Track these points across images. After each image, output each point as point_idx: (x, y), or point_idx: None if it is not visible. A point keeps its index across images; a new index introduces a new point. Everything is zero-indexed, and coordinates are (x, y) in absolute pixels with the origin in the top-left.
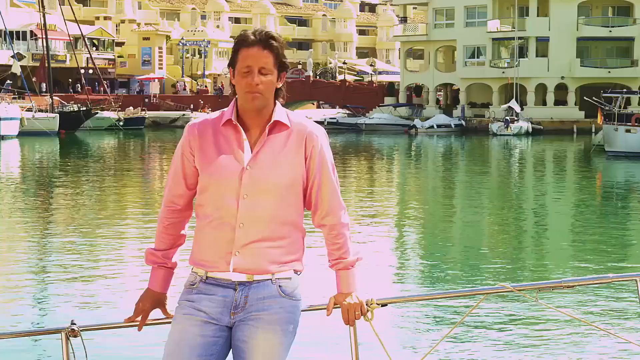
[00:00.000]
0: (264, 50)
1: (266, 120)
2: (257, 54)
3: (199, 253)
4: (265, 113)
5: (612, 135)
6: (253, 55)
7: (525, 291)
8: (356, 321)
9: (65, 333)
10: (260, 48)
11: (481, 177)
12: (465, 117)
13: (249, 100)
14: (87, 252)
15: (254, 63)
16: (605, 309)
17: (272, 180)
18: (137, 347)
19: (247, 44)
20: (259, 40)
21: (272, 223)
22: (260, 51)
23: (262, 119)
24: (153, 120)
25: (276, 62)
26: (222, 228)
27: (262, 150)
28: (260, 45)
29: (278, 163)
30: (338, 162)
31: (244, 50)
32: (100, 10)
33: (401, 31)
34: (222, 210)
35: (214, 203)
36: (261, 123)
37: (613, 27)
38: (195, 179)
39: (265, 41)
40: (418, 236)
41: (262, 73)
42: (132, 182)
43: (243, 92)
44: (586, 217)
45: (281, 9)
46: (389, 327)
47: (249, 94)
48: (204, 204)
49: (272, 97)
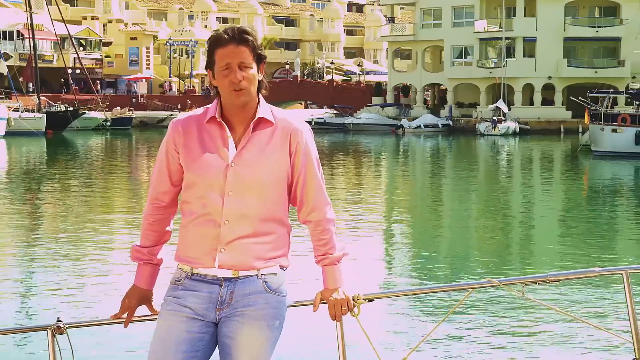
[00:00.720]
0: (239, 46)
1: (250, 117)
2: (233, 51)
3: (184, 249)
4: (249, 109)
5: (598, 135)
6: (230, 52)
7: (511, 285)
8: (343, 317)
9: (51, 330)
10: (236, 44)
11: (468, 176)
12: (452, 117)
13: (234, 97)
14: (73, 250)
15: (233, 60)
16: (591, 303)
17: (257, 177)
18: (123, 344)
19: (222, 43)
20: (232, 37)
21: (258, 219)
22: (236, 47)
23: (246, 116)
24: (140, 120)
25: (253, 55)
26: (207, 225)
27: (247, 147)
28: (234, 42)
29: (263, 160)
30: (325, 162)
31: (220, 50)
32: (88, 10)
33: (389, 31)
34: (207, 207)
35: (199, 200)
36: (245, 120)
37: (600, 28)
38: (180, 175)
39: (239, 37)
40: (405, 232)
41: (242, 68)
42: (119, 181)
43: (228, 90)
44: (572, 214)
45: (269, 9)
46: (376, 323)
47: (234, 91)
48: (189, 200)
49: (256, 91)
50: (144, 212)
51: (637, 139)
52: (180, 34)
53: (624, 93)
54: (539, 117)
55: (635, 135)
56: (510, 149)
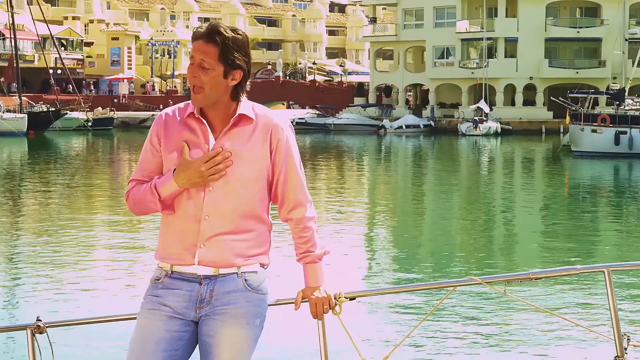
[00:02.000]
0: (207, 43)
1: (231, 114)
2: (199, 47)
3: (164, 247)
4: (224, 108)
5: (578, 135)
6: (196, 47)
7: (493, 283)
8: (324, 315)
9: (30, 329)
10: (204, 41)
11: (450, 177)
12: (434, 118)
13: (192, 94)
14: (54, 249)
15: (195, 55)
16: (573, 300)
17: (238, 172)
18: (103, 343)
19: (194, 37)
20: (203, 33)
21: (238, 216)
22: (203, 44)
23: (226, 114)
24: (122, 120)
25: (222, 57)
26: (187, 220)
27: (227, 143)
28: (204, 38)
29: (244, 156)
30: (306, 162)
31: (193, 43)
32: (69, 10)
33: (371, 32)
34: (187, 202)
35: (179, 195)
36: (225, 117)
37: (581, 28)
38: (162, 166)
39: (209, 34)
40: (387, 230)
41: (203, 67)
42: (99, 182)
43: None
44: (553, 213)
45: (251, 9)
46: (358, 321)
47: (191, 87)
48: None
49: (225, 96)
50: (130, 194)
51: (616, 139)
52: (162, 34)
53: (604, 93)
54: (520, 117)
55: (615, 136)
56: (491, 149)
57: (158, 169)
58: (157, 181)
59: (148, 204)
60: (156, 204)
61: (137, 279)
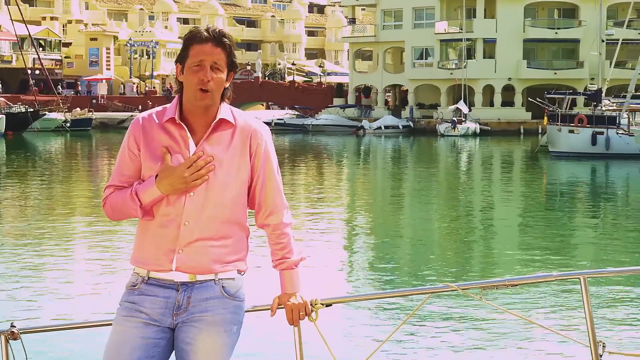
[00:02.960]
0: (216, 47)
1: (211, 119)
2: (210, 50)
3: (141, 252)
4: (210, 113)
5: (555, 135)
6: (206, 51)
7: (469, 290)
8: (301, 321)
9: (4, 335)
10: (213, 45)
11: (428, 178)
12: (413, 118)
13: (198, 97)
14: (30, 254)
15: (207, 59)
16: (549, 307)
17: (219, 178)
18: (78, 349)
19: (200, 40)
20: (212, 37)
21: (218, 221)
22: (213, 48)
23: (207, 118)
24: (101, 121)
25: (227, 60)
26: (167, 225)
27: (208, 148)
28: (213, 41)
29: (225, 161)
30: (284, 163)
31: (197, 46)
32: (47, 10)
33: (350, 32)
34: (167, 208)
35: (159, 201)
36: (206, 122)
37: (559, 29)
38: (141, 172)
39: (218, 39)
40: (364, 236)
41: (213, 69)
42: (77, 185)
43: (194, 88)
44: (531, 216)
45: (230, 10)
46: (334, 328)
47: (200, 91)
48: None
49: (220, 97)
50: (108, 200)
51: (593, 140)
52: (140, 35)
53: (581, 94)
54: (499, 118)
55: (592, 136)
56: (470, 150)
57: (136, 174)
58: (138, 187)
59: (128, 210)
60: (137, 211)
61: (115, 284)
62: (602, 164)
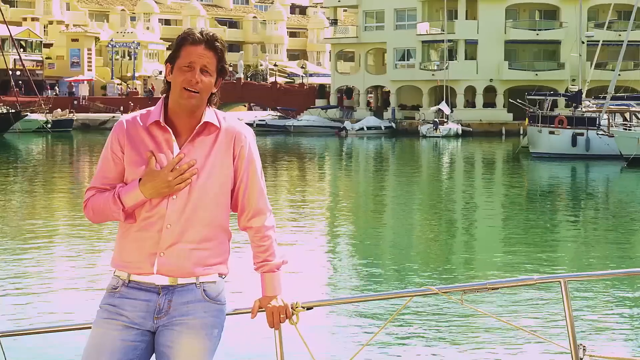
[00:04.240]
0: (208, 50)
1: (196, 122)
2: (201, 53)
3: (122, 254)
4: (196, 115)
5: (536, 136)
6: (197, 53)
7: (450, 293)
8: (281, 325)
9: None
10: (205, 47)
11: (410, 179)
12: (395, 119)
13: (184, 97)
14: (9, 257)
15: (197, 60)
16: (530, 310)
17: (201, 181)
18: (58, 353)
19: (193, 42)
20: (205, 39)
21: (200, 224)
22: (204, 50)
23: (192, 121)
24: (82, 122)
25: (217, 65)
26: (149, 228)
27: (192, 151)
28: (205, 44)
29: (207, 164)
30: (266, 164)
31: (189, 47)
32: (28, 11)
33: (332, 33)
34: (150, 210)
35: (142, 204)
36: (191, 125)
37: (540, 31)
38: (124, 175)
39: (211, 42)
40: (345, 239)
41: (203, 72)
42: (58, 186)
43: (180, 88)
44: (512, 219)
45: (211, 11)
46: (315, 331)
47: (186, 91)
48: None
49: (206, 101)
50: (89, 202)
51: (573, 141)
52: (122, 36)
53: (561, 95)
54: (480, 119)
55: (572, 137)
56: (452, 151)
57: (119, 176)
58: (121, 190)
59: (110, 213)
60: (119, 214)
61: (95, 287)
62: (582, 164)
